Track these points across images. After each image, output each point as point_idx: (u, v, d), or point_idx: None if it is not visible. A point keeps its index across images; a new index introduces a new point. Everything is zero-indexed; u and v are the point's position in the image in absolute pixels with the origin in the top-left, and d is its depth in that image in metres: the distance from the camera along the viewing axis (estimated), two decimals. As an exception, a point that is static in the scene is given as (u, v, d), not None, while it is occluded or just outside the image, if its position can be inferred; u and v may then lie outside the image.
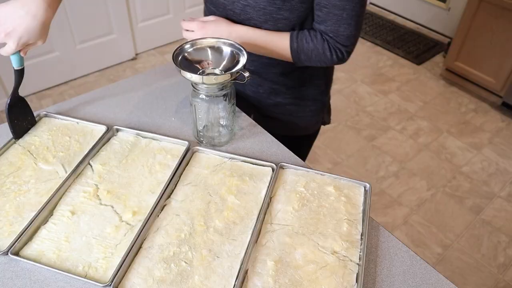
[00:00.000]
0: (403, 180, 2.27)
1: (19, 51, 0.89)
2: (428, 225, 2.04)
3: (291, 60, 1.02)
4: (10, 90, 2.59)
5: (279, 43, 0.98)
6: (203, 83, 0.89)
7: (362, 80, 2.98)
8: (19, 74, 0.94)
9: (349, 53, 0.99)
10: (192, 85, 0.94)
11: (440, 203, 2.15)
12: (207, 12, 1.11)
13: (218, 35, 0.98)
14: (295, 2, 0.93)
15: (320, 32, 0.97)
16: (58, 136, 1.01)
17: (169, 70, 1.25)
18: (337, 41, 0.96)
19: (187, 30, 1.04)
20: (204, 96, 0.93)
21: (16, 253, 0.77)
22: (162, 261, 0.76)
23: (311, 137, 1.34)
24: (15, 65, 0.92)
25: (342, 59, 0.99)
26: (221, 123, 1.01)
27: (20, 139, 0.99)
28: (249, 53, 0.94)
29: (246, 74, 0.90)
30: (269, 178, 0.92)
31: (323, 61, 1.00)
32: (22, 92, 0.96)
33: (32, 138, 1.00)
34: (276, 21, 0.97)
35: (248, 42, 1.00)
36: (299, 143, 1.28)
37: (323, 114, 1.27)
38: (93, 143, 0.99)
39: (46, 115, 1.06)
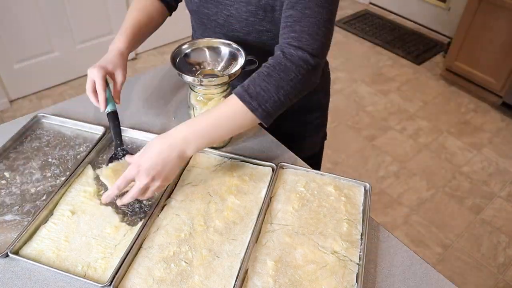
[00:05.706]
0: (403, 180, 2.26)
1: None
2: (428, 225, 2.04)
3: (256, 118, 0.79)
4: (9, 90, 2.58)
5: (227, 107, 0.79)
6: (201, 85, 0.89)
7: (362, 80, 2.98)
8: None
9: (317, 61, 0.80)
10: (190, 87, 0.93)
11: (440, 203, 2.15)
12: (194, 26, 1.08)
13: (168, 158, 0.77)
14: (277, 14, 0.88)
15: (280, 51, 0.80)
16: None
17: (169, 70, 1.25)
18: (300, 49, 0.79)
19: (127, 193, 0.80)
20: (202, 98, 0.93)
21: (16, 252, 0.77)
22: (162, 261, 0.76)
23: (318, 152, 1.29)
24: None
25: (314, 67, 0.79)
26: (221, 123, 1.00)
27: None
28: None
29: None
30: (269, 178, 0.92)
31: (298, 84, 0.78)
32: (22, 91, 0.96)
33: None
34: (259, 33, 0.93)
35: (199, 131, 0.79)
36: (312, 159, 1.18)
37: (325, 128, 1.24)
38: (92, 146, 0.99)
39: (43, 116, 1.06)
